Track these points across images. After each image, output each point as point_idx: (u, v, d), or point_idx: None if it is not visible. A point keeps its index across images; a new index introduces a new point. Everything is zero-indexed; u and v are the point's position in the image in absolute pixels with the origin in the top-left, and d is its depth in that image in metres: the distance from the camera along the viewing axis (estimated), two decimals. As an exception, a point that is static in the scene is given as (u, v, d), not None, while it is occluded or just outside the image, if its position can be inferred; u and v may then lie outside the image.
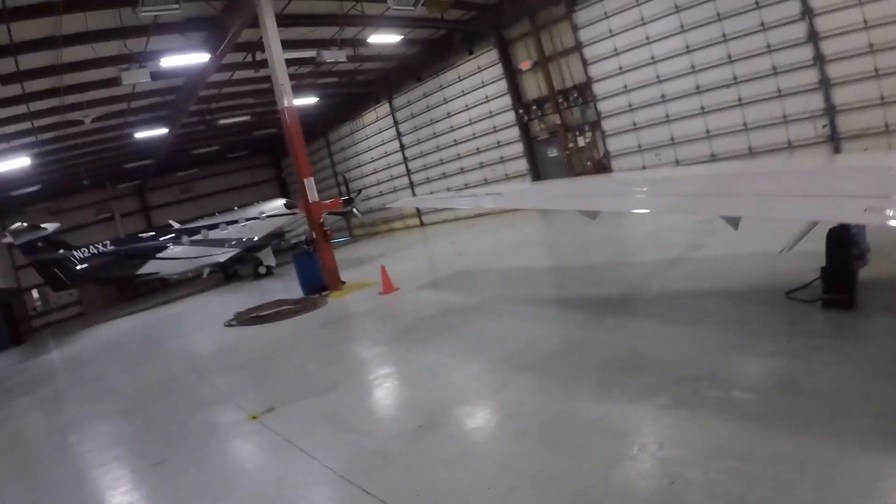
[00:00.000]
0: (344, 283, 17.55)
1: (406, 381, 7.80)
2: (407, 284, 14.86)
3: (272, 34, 17.60)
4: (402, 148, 33.92)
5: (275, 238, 29.53)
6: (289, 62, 24.04)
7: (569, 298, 9.72)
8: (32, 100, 21.53)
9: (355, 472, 5.16)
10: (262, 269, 28.62)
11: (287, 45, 22.11)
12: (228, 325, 16.34)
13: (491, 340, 8.37)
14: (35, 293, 36.62)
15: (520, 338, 8.05)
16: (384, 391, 7.66)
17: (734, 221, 5.90)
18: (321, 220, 17.92)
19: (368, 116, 36.27)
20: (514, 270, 13.80)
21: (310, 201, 17.90)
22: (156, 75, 21.03)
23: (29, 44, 17.87)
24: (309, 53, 23.23)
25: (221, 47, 20.25)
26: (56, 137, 27.05)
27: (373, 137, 36.49)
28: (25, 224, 26.90)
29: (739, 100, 18.75)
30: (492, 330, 8.92)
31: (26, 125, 23.72)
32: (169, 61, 20.45)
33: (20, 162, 26.39)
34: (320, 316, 14.38)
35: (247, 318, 16.27)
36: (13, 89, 20.25)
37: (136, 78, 19.92)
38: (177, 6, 15.72)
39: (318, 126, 39.84)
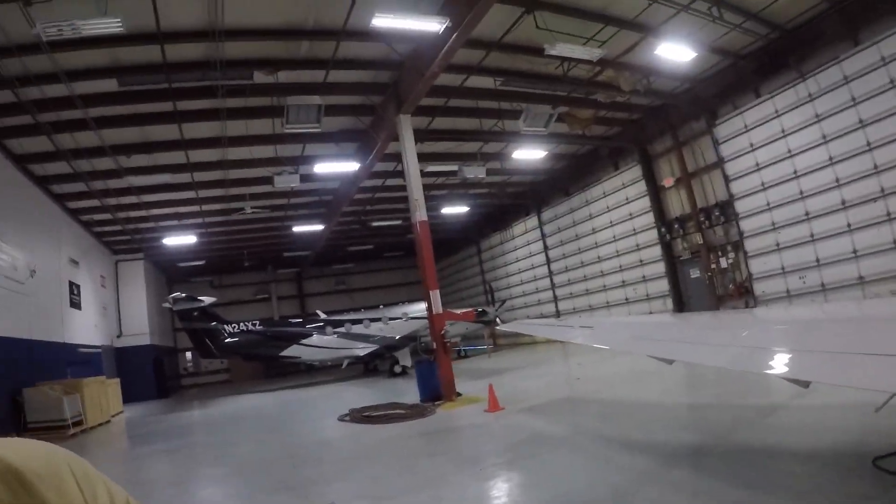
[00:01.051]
0: (460, 395, 17.48)
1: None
2: (513, 405, 14.68)
3: (409, 150, 18.47)
4: (548, 262, 34.04)
5: (413, 340, 30.11)
6: (435, 174, 25.21)
7: (649, 441, 9.31)
8: (201, 188, 24.08)
9: None
10: (398, 369, 29.11)
11: (432, 158, 23.30)
12: (341, 419, 16.88)
13: (546, 480, 8.26)
14: (189, 355, 39.26)
15: (575, 480, 7.85)
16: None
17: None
18: (443, 332, 18.15)
19: (518, 227, 36.83)
20: (617, 403, 13.36)
21: (433, 313, 18.22)
22: (306, 179, 22.67)
23: (198, 141, 20.28)
24: (452, 167, 24.15)
25: (370, 158, 21.47)
26: (221, 221, 29.80)
27: (521, 249, 36.92)
28: (184, 294, 29.27)
29: (888, 214, 17.43)
30: (556, 468, 8.75)
31: (195, 208, 26.45)
32: (322, 167, 22.01)
33: (188, 239, 29.77)
34: (423, 425, 14.51)
35: (359, 416, 16.67)
36: (184, 177, 22.77)
37: (287, 182, 21.65)
38: (317, 126, 17.07)
39: (470, 234, 40.86)
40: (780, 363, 5.33)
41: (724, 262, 22.79)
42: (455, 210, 33.05)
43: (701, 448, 8.29)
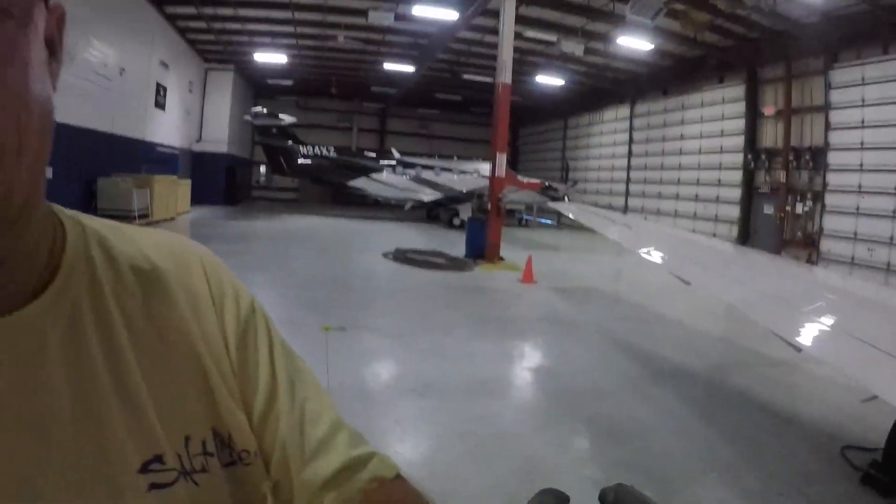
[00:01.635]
0: (502, 259, 18.05)
1: (430, 352, 8.62)
2: (547, 281, 15.13)
3: (508, 12, 18.29)
4: (629, 155, 33.27)
5: (477, 197, 30.42)
6: (534, 40, 24.64)
7: (649, 354, 9.61)
8: (297, 10, 24.13)
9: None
10: (457, 221, 29.47)
11: (534, 23, 22.69)
12: (384, 255, 17.76)
13: (538, 359, 9.12)
14: (262, 169, 40.43)
15: (564, 368, 8.39)
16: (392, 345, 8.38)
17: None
18: (500, 196, 18.47)
19: (608, 114, 35.86)
20: (640, 308, 13.48)
21: (496, 175, 18.51)
22: (402, 19, 22.53)
23: None
24: (550, 38, 23.58)
25: (471, 10, 21.15)
26: (314, 46, 29.77)
27: (606, 136, 36.09)
28: (265, 110, 29.99)
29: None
30: (554, 351, 9.43)
31: (289, 29, 26.57)
32: (419, 10, 21.73)
33: (279, 58, 30.03)
34: (456, 278, 15.36)
35: (402, 256, 17.51)
36: None
37: (381, 19, 21.61)
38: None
39: (560, 108, 40.07)
40: (804, 334, 4.98)
41: (799, 209, 22.10)
42: (549, 81, 32.38)
43: (693, 375, 8.58)
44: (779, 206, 22.83)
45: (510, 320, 11.36)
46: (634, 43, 24.02)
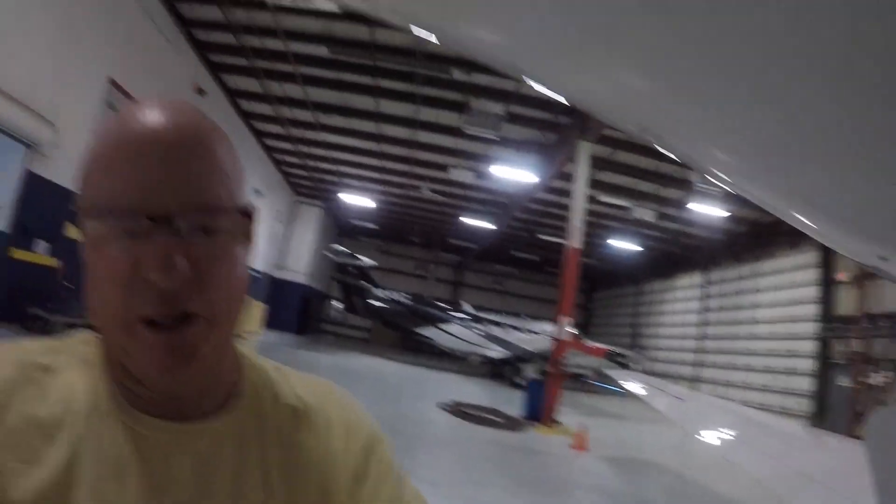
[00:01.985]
0: (559, 423, 17.61)
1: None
2: (599, 450, 14.62)
3: (580, 178, 18.76)
4: (701, 325, 32.59)
5: (543, 358, 30.13)
6: (608, 204, 25.21)
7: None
8: (385, 159, 26.02)
9: None
10: (521, 381, 29.17)
11: (609, 188, 23.30)
12: (441, 406, 17.77)
13: None
14: (338, 304, 41.26)
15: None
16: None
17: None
18: (561, 360, 18.39)
19: (681, 280, 35.52)
20: (693, 486, 13.09)
21: (559, 337, 18.67)
22: (482, 177, 23.47)
23: (390, 117, 22.09)
24: (624, 203, 24.05)
25: (548, 175, 21.88)
26: (398, 194, 31.44)
27: (678, 303, 35.45)
28: (345, 249, 31.27)
29: None
30: None
31: (377, 175, 28.63)
32: (497, 170, 22.59)
33: (365, 202, 31.89)
34: (508, 438, 15.13)
35: (457, 409, 17.43)
36: (371, 145, 25.12)
37: (461, 176, 22.57)
38: (495, 133, 17.74)
39: (633, 272, 40.04)
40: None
41: (876, 379, 21.08)
42: (623, 245, 32.69)
43: None
44: (853, 376, 21.75)
45: (550, 488, 11.03)
46: (707, 209, 24.05)
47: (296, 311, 34.80)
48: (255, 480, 0.93)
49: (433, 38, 0.95)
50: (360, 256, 32.11)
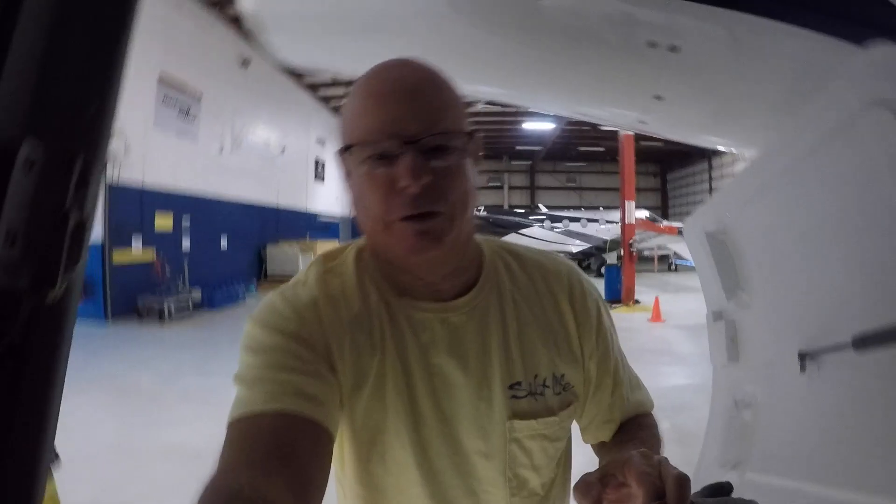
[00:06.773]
0: (637, 302, 18.65)
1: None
2: (674, 319, 15.82)
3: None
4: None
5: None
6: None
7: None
8: None
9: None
10: (603, 270, 29.68)
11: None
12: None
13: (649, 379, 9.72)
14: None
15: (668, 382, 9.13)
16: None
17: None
18: (631, 242, 19.38)
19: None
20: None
21: (626, 222, 19.52)
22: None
23: None
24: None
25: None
26: (460, 115, 31.62)
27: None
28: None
29: None
30: (651, 382, 10.16)
31: None
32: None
33: None
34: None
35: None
36: None
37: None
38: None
39: (703, 148, 39.44)
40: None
41: None
42: (688, 125, 32.53)
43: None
44: None
45: (627, 351, 11.90)
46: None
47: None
48: (497, 342, 1.11)
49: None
50: None
